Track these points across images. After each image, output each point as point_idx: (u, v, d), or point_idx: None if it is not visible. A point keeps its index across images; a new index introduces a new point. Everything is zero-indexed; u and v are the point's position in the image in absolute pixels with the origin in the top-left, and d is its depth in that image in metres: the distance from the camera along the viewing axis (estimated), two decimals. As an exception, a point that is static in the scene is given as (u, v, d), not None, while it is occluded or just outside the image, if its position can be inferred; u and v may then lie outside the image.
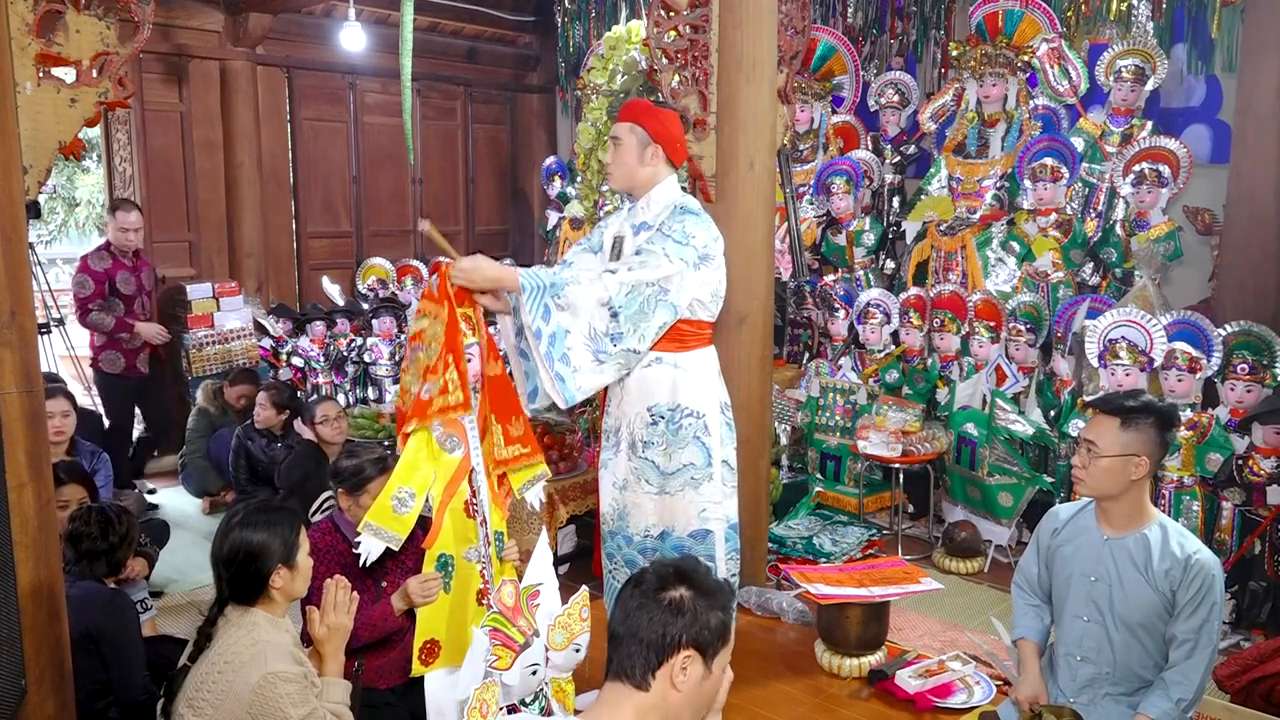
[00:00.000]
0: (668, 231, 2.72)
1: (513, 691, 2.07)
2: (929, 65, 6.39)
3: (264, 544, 2.15)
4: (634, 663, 1.53)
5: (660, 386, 2.80)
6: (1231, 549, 3.80)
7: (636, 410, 2.83)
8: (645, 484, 2.85)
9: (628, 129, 2.81)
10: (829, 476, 5.17)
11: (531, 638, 2.08)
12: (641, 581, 1.58)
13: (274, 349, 6.43)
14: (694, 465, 2.83)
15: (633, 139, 2.81)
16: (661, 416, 2.80)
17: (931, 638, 3.75)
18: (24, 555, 2.21)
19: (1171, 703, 2.24)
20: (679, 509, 2.85)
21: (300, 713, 2.05)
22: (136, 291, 5.41)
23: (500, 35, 8.17)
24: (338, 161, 7.41)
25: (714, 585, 1.59)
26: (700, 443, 2.83)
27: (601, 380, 2.68)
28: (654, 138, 2.81)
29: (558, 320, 2.59)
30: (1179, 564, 2.27)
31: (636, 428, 2.83)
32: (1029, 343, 4.92)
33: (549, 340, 2.58)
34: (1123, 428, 2.30)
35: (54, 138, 2.31)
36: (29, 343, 2.25)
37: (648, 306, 2.66)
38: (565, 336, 2.60)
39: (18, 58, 2.23)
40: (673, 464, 2.82)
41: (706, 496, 2.85)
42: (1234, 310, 4.32)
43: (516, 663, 2.03)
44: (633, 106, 2.88)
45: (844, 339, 5.70)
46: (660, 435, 2.81)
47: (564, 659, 2.15)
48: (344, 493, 2.89)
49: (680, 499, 2.83)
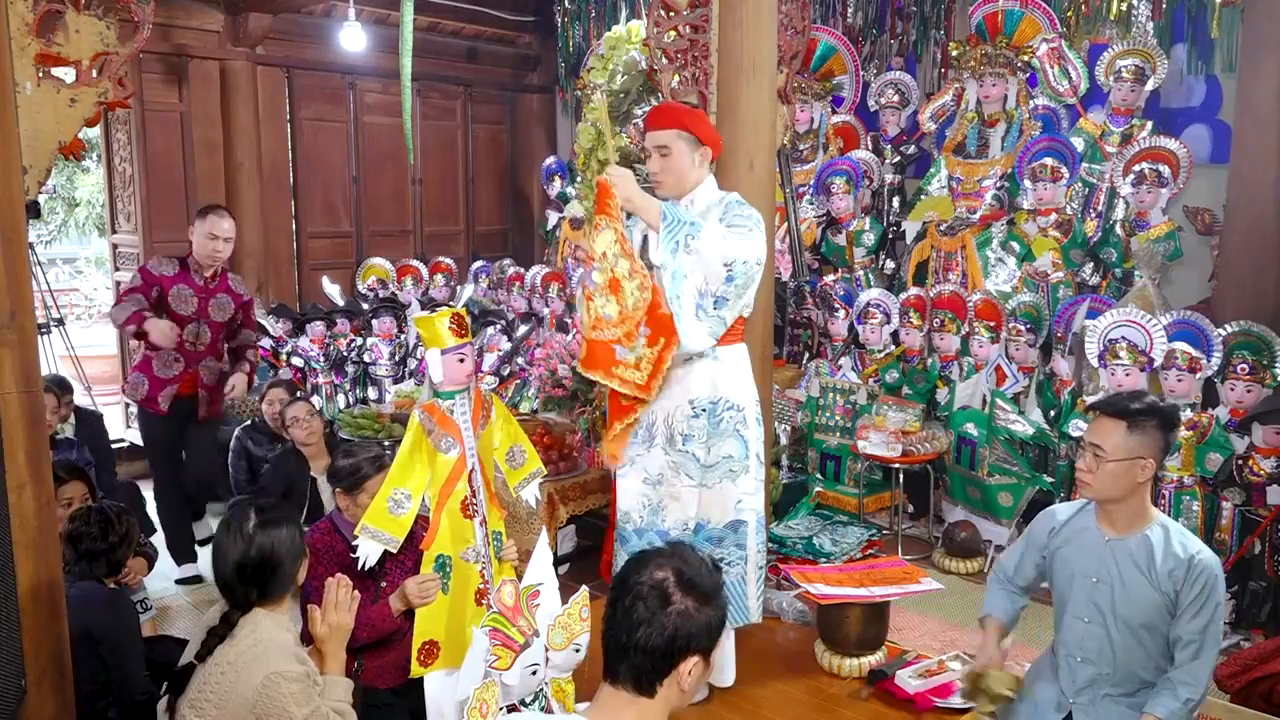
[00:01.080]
0: (740, 223, 2.76)
1: (513, 691, 2.07)
2: (929, 65, 6.39)
3: (289, 543, 2.18)
4: (640, 674, 1.52)
5: (702, 379, 2.85)
6: (1231, 549, 3.80)
7: (677, 403, 2.86)
8: (685, 477, 2.87)
9: (674, 135, 2.82)
10: (829, 476, 5.17)
11: (531, 638, 2.08)
12: (640, 593, 1.53)
13: (274, 349, 6.43)
14: (732, 458, 2.87)
15: (682, 144, 2.82)
16: (704, 409, 2.85)
17: (931, 638, 3.75)
18: (24, 555, 2.21)
19: (1180, 703, 2.24)
20: (715, 501, 2.90)
21: (304, 711, 2.05)
22: (196, 316, 4.38)
23: (500, 35, 8.17)
24: (338, 161, 7.41)
25: (711, 583, 1.58)
26: (739, 435, 2.88)
27: (691, 333, 2.69)
28: (703, 140, 2.85)
29: (682, 260, 2.64)
30: (1182, 564, 2.27)
31: (676, 421, 2.87)
32: (1029, 343, 4.92)
33: (670, 276, 2.66)
34: (1129, 431, 2.29)
35: (54, 138, 2.31)
36: (29, 343, 2.25)
37: (748, 282, 2.72)
38: (683, 281, 2.65)
39: (18, 58, 2.22)
40: (712, 457, 2.86)
41: (742, 488, 2.89)
42: (1234, 310, 4.32)
43: (516, 663, 2.03)
44: (670, 112, 2.90)
45: (844, 339, 5.70)
46: (701, 428, 2.85)
47: (564, 659, 2.14)
48: (341, 493, 2.89)
49: (718, 491, 2.88)
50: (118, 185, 6.42)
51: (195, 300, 4.38)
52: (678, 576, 1.55)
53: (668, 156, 2.83)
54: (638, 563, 1.60)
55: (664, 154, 2.84)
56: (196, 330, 4.41)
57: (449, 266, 7.42)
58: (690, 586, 1.54)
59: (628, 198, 2.70)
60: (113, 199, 6.47)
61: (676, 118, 2.85)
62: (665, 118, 2.86)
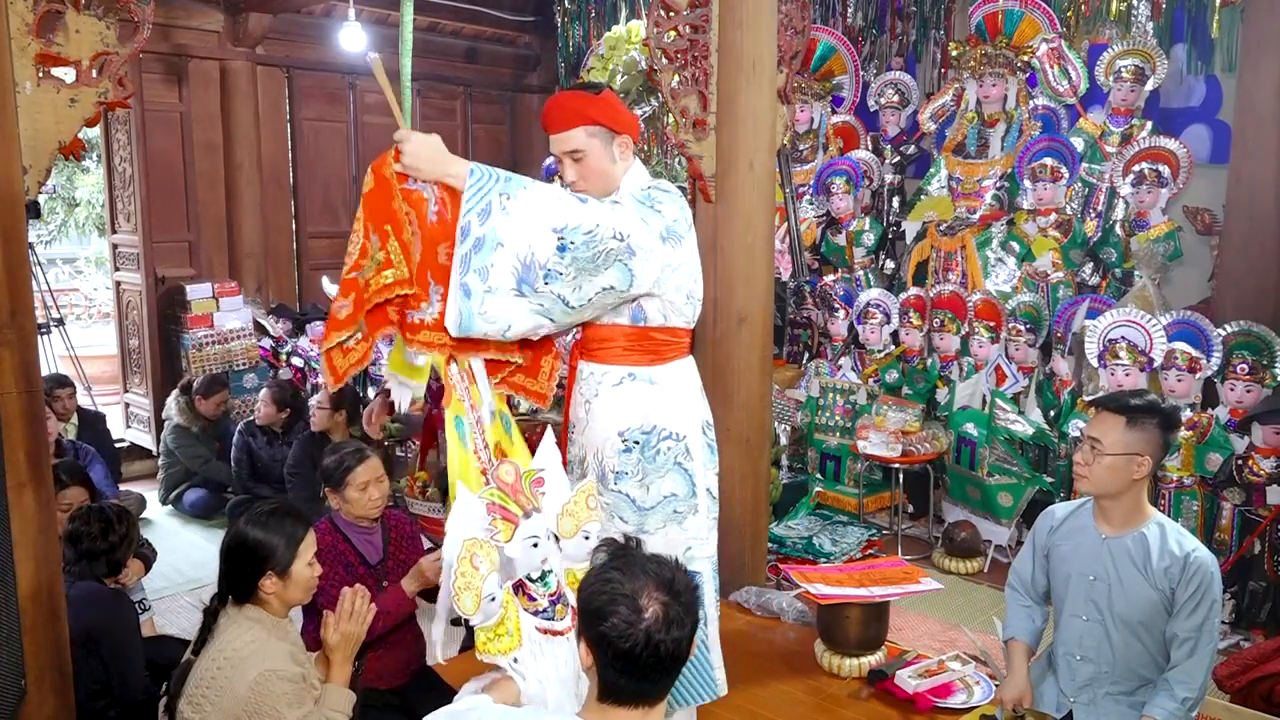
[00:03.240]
0: (638, 198, 2.32)
1: (516, 565, 2.08)
2: (929, 65, 6.39)
3: (261, 544, 2.13)
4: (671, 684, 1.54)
5: (632, 407, 2.39)
6: (1231, 549, 3.80)
7: (605, 436, 2.40)
8: (619, 522, 2.40)
9: (584, 134, 2.34)
10: (829, 476, 5.17)
11: (531, 511, 2.11)
12: (674, 620, 1.49)
13: (274, 349, 6.43)
14: (676, 496, 2.42)
15: (595, 142, 2.35)
16: (636, 442, 2.38)
17: (931, 638, 3.76)
18: (24, 555, 2.21)
19: (1177, 702, 2.24)
20: (660, 549, 2.29)
21: (296, 713, 2.04)
22: None
23: (500, 35, 8.17)
24: (338, 162, 7.41)
25: (697, 598, 1.57)
26: (682, 469, 2.43)
27: (509, 318, 2.16)
28: (617, 128, 2.37)
29: (495, 224, 2.11)
30: (1178, 562, 2.28)
31: (606, 456, 2.40)
32: (1029, 343, 4.92)
33: (474, 244, 2.10)
34: (1128, 427, 2.30)
35: (54, 138, 2.32)
36: (29, 343, 2.26)
37: (602, 259, 2.18)
38: (495, 249, 2.11)
39: (18, 58, 2.23)
40: (651, 496, 2.40)
41: (691, 532, 2.45)
42: (1234, 310, 4.32)
43: (516, 534, 2.05)
44: (570, 105, 2.38)
45: (844, 339, 5.70)
46: (635, 464, 2.39)
47: (574, 547, 2.15)
48: (331, 491, 2.89)
49: (661, 537, 2.40)
50: (118, 185, 6.41)
51: None
52: (685, 607, 1.52)
53: (582, 160, 2.36)
54: (643, 586, 1.52)
55: (577, 158, 2.36)
56: None
57: (449, 266, 7.42)
58: (692, 608, 1.54)
59: (435, 169, 2.16)
60: (113, 199, 6.47)
61: (580, 110, 2.34)
62: (566, 114, 2.36)
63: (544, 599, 2.14)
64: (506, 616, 2.08)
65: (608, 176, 2.38)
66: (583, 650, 1.53)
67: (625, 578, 1.51)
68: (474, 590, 1.97)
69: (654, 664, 1.47)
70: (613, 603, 1.48)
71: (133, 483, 5.87)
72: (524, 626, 2.12)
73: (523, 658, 2.10)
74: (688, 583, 1.54)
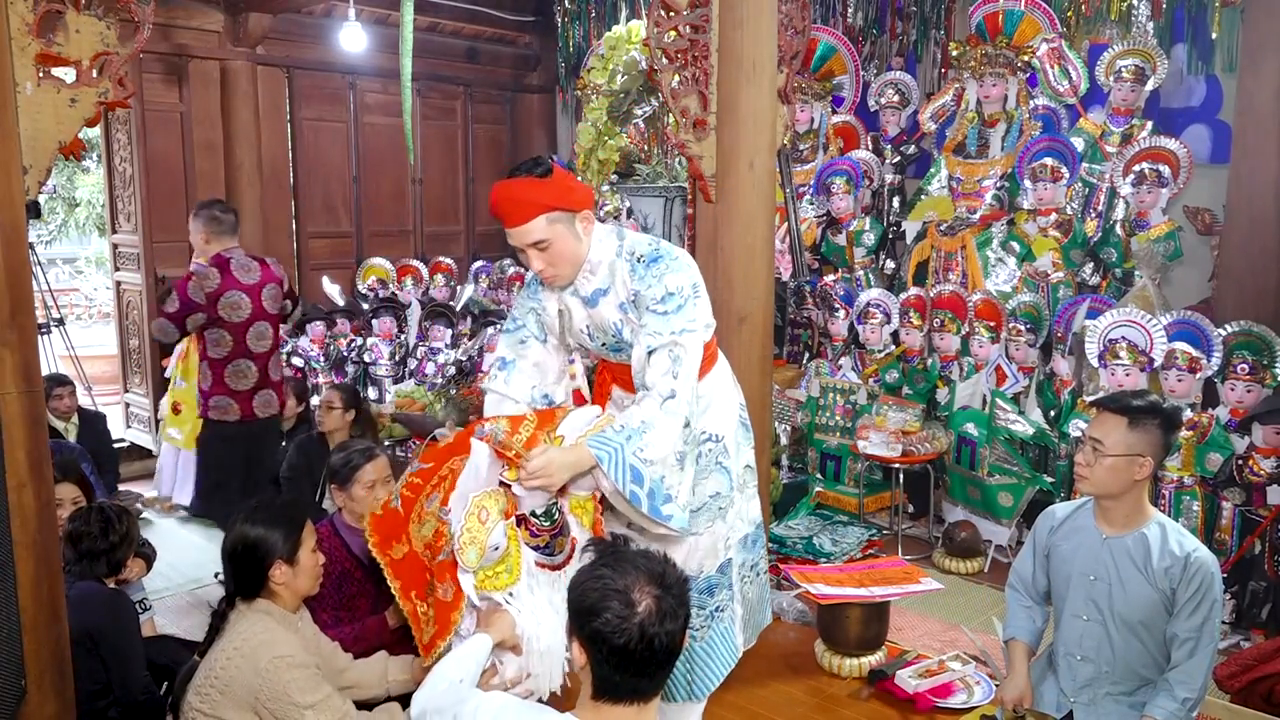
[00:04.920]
0: (659, 307, 2.32)
1: (523, 502, 2.15)
2: (929, 65, 6.39)
3: (263, 538, 2.20)
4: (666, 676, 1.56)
5: None
6: (1231, 549, 3.80)
7: None
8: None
9: (545, 223, 2.29)
10: (829, 476, 5.17)
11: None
12: (667, 613, 1.51)
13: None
14: (719, 494, 2.55)
15: (559, 228, 2.31)
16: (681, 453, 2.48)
17: (931, 638, 3.75)
18: (24, 555, 2.21)
19: (1178, 703, 2.25)
20: (707, 545, 2.56)
21: (308, 699, 2.06)
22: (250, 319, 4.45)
23: (500, 35, 8.17)
24: (338, 161, 7.40)
25: (688, 590, 1.60)
26: (722, 468, 2.56)
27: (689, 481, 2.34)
28: (574, 206, 2.34)
29: (650, 475, 2.22)
30: (1178, 562, 2.28)
31: None
32: (1029, 343, 4.92)
33: (648, 496, 2.22)
34: (1130, 427, 2.30)
35: (54, 138, 2.31)
36: (29, 343, 2.26)
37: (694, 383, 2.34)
38: (662, 483, 2.25)
39: (18, 58, 2.23)
40: (695, 499, 2.47)
41: (730, 522, 2.60)
42: (1234, 310, 4.32)
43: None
44: (524, 195, 2.29)
45: (844, 339, 5.70)
46: None
47: (582, 480, 2.21)
48: (336, 488, 2.89)
49: (709, 535, 2.54)
50: (118, 185, 6.41)
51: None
52: (678, 600, 1.55)
53: (548, 248, 2.32)
54: (636, 583, 1.53)
55: (542, 248, 2.32)
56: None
57: (449, 266, 7.43)
58: (686, 604, 1.57)
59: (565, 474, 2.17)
60: (113, 199, 6.47)
61: (536, 201, 2.28)
62: (522, 207, 2.28)
63: (546, 535, 2.20)
64: (508, 553, 2.15)
65: (576, 257, 2.39)
66: (575, 650, 1.54)
67: (616, 574, 1.51)
68: (478, 544, 2.06)
69: (648, 658, 1.48)
70: (605, 599, 1.49)
71: (132, 483, 5.86)
72: (523, 562, 2.19)
73: (518, 592, 2.18)
74: (678, 576, 1.56)
